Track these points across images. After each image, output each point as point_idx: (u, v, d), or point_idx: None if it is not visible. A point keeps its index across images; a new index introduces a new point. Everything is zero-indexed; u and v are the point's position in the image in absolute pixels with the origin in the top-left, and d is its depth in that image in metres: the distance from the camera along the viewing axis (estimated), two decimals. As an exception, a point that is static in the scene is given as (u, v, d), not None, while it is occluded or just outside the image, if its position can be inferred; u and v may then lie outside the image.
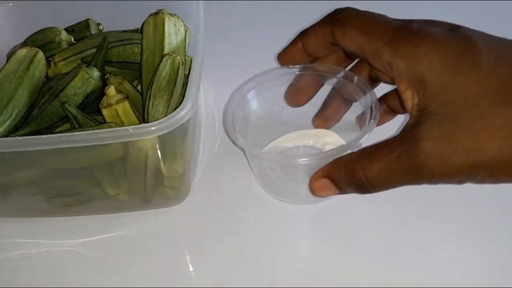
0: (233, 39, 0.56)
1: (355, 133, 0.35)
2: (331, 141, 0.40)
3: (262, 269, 0.35)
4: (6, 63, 0.38)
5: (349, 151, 0.32)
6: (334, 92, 0.39)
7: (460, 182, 0.27)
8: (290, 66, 0.37)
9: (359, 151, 0.30)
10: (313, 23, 0.34)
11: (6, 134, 0.36)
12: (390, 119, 0.38)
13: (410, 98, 0.28)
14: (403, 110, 0.35)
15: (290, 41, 0.36)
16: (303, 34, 0.35)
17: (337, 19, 0.31)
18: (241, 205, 0.39)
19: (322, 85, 0.38)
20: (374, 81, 0.37)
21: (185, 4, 0.42)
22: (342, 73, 0.37)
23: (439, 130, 0.26)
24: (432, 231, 0.36)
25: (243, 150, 0.38)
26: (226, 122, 0.36)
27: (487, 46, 0.26)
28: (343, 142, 0.39)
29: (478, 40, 0.27)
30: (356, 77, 0.36)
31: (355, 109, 0.38)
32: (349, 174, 0.29)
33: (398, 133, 0.28)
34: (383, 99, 0.37)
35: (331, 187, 0.31)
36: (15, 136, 0.36)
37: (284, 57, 0.37)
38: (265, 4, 0.61)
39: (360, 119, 0.37)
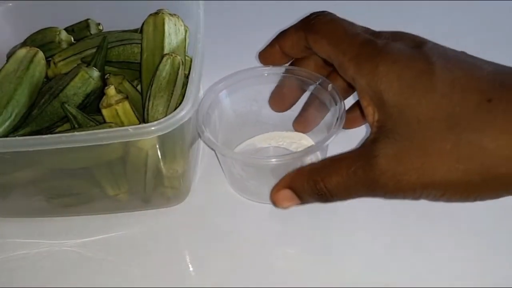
0: (233, 39, 0.56)
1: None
2: (306, 143, 0.41)
3: (262, 269, 0.35)
4: (6, 63, 0.38)
5: (309, 158, 0.32)
6: (312, 98, 0.39)
7: (414, 198, 0.27)
8: (270, 67, 0.38)
9: (321, 161, 0.30)
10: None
11: (6, 134, 0.36)
12: (364, 123, 0.39)
13: (371, 114, 0.29)
14: None
15: (270, 41, 0.36)
16: (280, 37, 0.35)
17: (311, 25, 0.32)
18: (241, 205, 0.39)
19: (304, 90, 0.39)
20: (351, 87, 0.36)
21: (185, 4, 0.42)
22: (320, 80, 0.37)
23: (394, 149, 0.27)
24: (431, 231, 0.37)
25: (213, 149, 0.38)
26: (197, 118, 0.36)
27: (445, 68, 0.27)
28: None
29: (437, 61, 0.27)
30: (330, 85, 0.36)
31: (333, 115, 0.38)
32: (311, 184, 0.30)
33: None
34: (358, 104, 0.37)
35: (293, 198, 0.31)
36: (15, 136, 0.36)
37: (264, 57, 0.38)
38: (265, 4, 0.61)
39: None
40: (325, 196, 0.29)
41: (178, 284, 0.35)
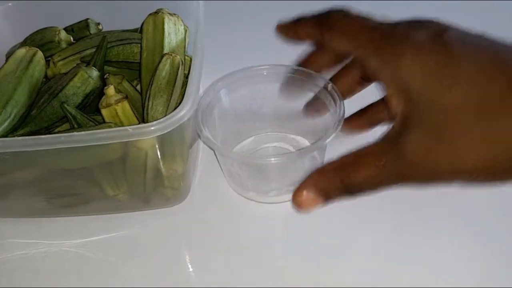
0: (233, 39, 0.56)
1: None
2: (303, 144, 0.41)
3: (263, 269, 0.35)
4: (5, 63, 0.38)
5: (307, 158, 0.32)
6: (313, 98, 0.39)
7: (446, 185, 0.28)
8: (270, 65, 0.38)
9: (342, 158, 0.30)
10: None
11: (5, 134, 0.36)
12: (368, 131, 0.38)
13: (395, 105, 0.29)
14: (384, 122, 0.36)
15: (291, 20, 0.35)
16: (297, 24, 0.34)
17: (325, 23, 0.32)
18: (241, 205, 0.39)
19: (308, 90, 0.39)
20: (366, 81, 0.37)
21: (185, 4, 0.42)
22: (321, 80, 0.37)
23: (423, 143, 0.27)
24: (431, 231, 0.36)
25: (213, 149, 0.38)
26: (196, 117, 0.36)
27: (469, 57, 0.27)
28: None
29: (460, 51, 0.27)
30: (330, 85, 0.36)
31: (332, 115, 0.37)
32: (337, 181, 0.30)
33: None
34: (365, 111, 0.37)
35: (317, 198, 0.31)
36: (14, 136, 0.36)
37: (283, 31, 0.36)
38: (265, 4, 0.61)
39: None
40: (354, 190, 0.30)
41: (178, 284, 0.35)
